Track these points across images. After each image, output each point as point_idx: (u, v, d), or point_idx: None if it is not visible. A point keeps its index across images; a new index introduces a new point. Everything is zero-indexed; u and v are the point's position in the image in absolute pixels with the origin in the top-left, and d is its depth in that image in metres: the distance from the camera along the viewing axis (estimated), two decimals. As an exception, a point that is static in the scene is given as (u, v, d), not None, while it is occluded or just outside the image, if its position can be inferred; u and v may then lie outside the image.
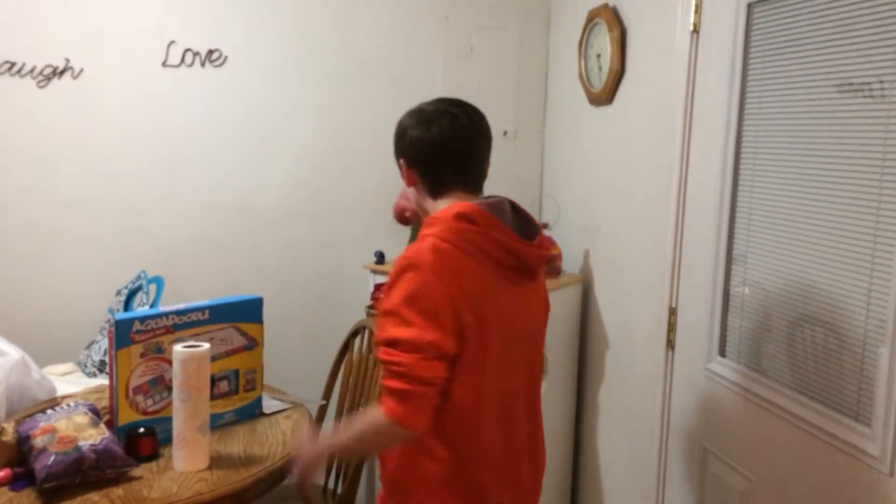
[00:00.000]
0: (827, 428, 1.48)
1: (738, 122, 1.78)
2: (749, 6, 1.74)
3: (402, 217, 2.46)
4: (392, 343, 1.42)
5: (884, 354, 1.33)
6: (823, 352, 1.52)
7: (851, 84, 1.43)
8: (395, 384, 1.41)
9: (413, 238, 2.84)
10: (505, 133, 3.07)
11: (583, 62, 2.62)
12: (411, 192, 1.64)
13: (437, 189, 1.57)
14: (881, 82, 1.35)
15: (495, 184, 3.00)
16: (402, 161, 1.60)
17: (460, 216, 1.47)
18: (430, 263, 1.42)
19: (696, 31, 1.94)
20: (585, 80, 2.61)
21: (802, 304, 1.58)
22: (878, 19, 1.36)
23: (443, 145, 1.55)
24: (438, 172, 1.56)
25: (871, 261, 1.38)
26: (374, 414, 1.44)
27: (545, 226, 2.64)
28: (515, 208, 1.59)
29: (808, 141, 1.56)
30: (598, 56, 2.50)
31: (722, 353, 1.87)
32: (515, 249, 1.50)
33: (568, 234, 2.72)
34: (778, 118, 1.66)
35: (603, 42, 2.44)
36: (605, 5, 2.44)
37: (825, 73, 1.50)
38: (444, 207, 1.52)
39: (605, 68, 2.43)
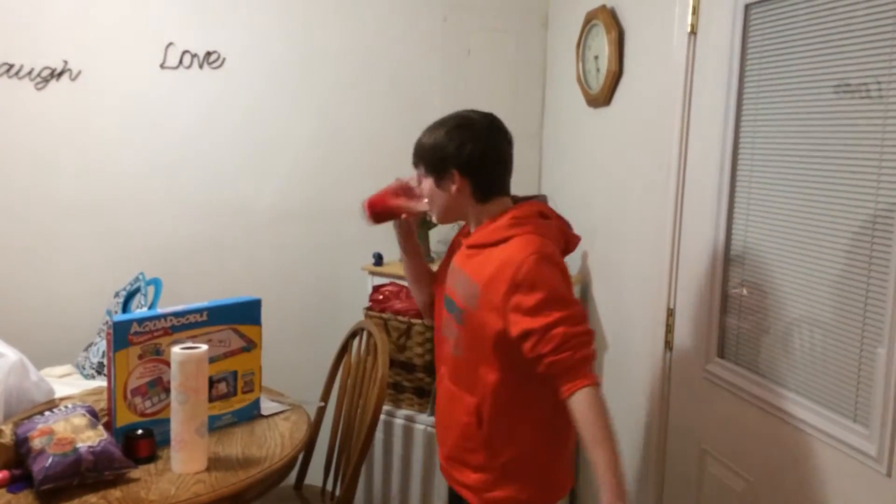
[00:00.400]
0: (825, 429, 1.48)
1: (736, 123, 1.79)
2: (746, 7, 1.75)
3: (385, 215, 1.99)
4: (565, 319, 1.55)
5: (881, 355, 1.34)
6: (821, 353, 1.52)
7: (849, 85, 1.43)
8: (588, 351, 1.57)
9: (423, 237, 2.84)
10: (503, 135, 3.07)
11: (581, 64, 2.62)
12: (442, 197, 1.77)
13: (487, 194, 1.75)
14: (878, 83, 1.36)
15: (493, 185, 3.01)
16: (453, 172, 1.72)
17: (541, 214, 1.74)
18: (554, 252, 1.65)
19: (693, 32, 1.95)
20: (583, 82, 2.61)
21: (800, 304, 1.58)
22: (876, 20, 1.36)
23: (499, 155, 1.76)
24: (492, 179, 1.75)
25: (869, 261, 1.38)
26: (587, 400, 1.53)
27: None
28: None
29: (805, 142, 1.56)
30: (596, 58, 2.50)
31: (720, 354, 1.87)
32: (569, 235, 1.80)
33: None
34: (775, 119, 1.66)
35: (601, 44, 2.44)
36: (603, 7, 2.44)
37: (822, 73, 1.50)
38: (490, 212, 1.74)
39: (603, 70, 2.43)
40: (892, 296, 1.31)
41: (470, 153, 1.71)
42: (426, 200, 1.83)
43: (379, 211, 1.91)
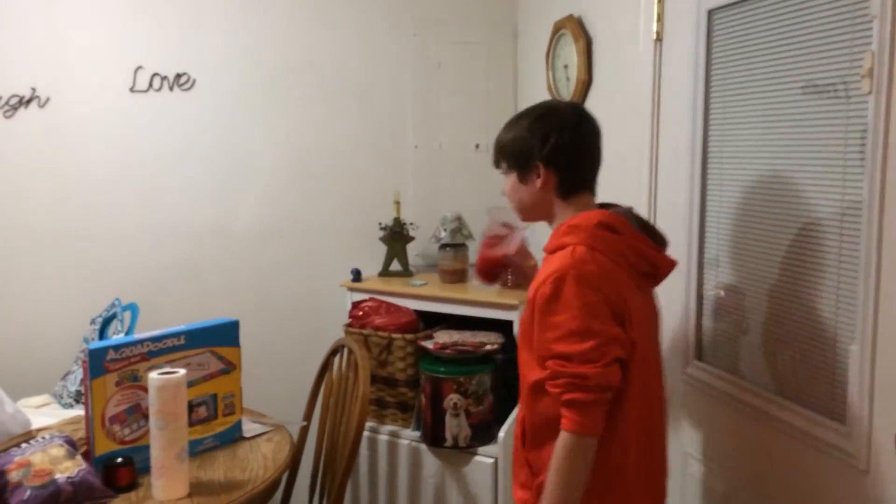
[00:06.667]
0: (803, 427, 1.49)
1: (704, 127, 1.81)
2: (709, 13, 1.77)
3: (496, 272, 1.95)
4: (568, 356, 1.45)
5: (855, 352, 1.35)
6: (797, 352, 1.53)
7: (816, 86, 1.45)
8: (578, 396, 1.44)
9: (400, 251, 2.84)
10: (477, 146, 3.08)
11: (551, 73, 2.64)
12: (526, 193, 1.64)
13: (571, 190, 1.61)
14: (844, 83, 1.38)
15: (469, 197, 3.02)
16: (537, 164, 1.60)
17: (602, 225, 1.53)
18: (594, 271, 1.48)
19: (659, 39, 1.97)
20: (554, 91, 2.63)
21: (775, 305, 1.60)
22: (837, 21, 1.38)
23: (585, 145, 1.62)
24: (578, 173, 1.62)
25: (838, 259, 1.40)
26: (560, 444, 1.45)
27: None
28: (639, 217, 1.66)
29: (771, 143, 1.58)
30: (566, 67, 2.52)
31: (698, 357, 1.89)
32: (652, 258, 1.58)
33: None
34: (742, 121, 1.68)
35: (570, 53, 2.46)
36: (571, 16, 2.46)
37: (786, 75, 1.53)
38: (573, 211, 1.59)
39: (573, 78, 2.45)
40: (862, 292, 1.33)
41: (555, 144, 1.58)
42: (519, 229, 1.81)
43: (487, 270, 1.90)
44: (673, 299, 1.94)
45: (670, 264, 1.62)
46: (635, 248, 1.55)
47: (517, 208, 1.70)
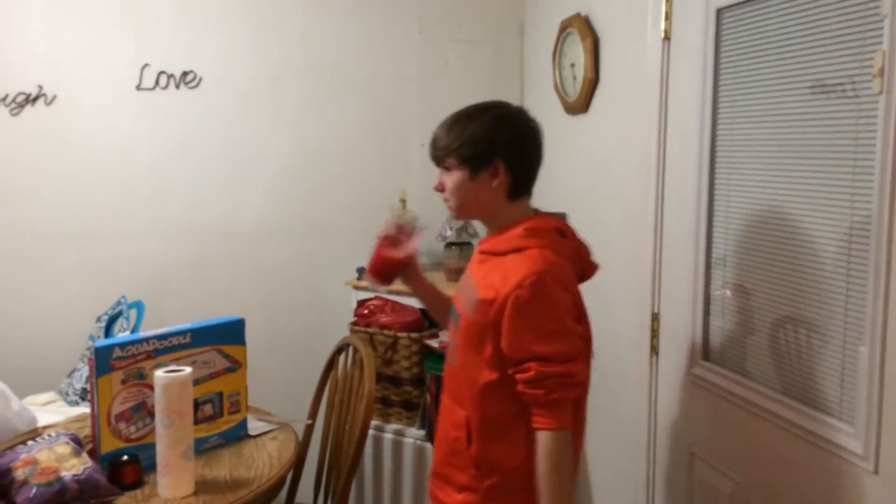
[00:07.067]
0: (811, 428, 1.49)
1: (712, 126, 1.80)
2: (718, 11, 1.76)
3: (392, 273, 1.82)
4: (549, 356, 1.49)
5: (863, 353, 1.34)
6: (805, 352, 1.52)
7: (824, 85, 1.44)
8: (564, 394, 1.50)
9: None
10: (483, 145, 3.07)
11: (557, 72, 2.63)
12: (473, 191, 1.61)
13: (519, 192, 1.62)
14: (853, 82, 1.37)
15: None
16: (498, 163, 1.58)
17: (558, 230, 1.61)
18: (566, 274, 1.55)
19: (667, 37, 1.96)
20: (560, 90, 2.62)
21: (783, 305, 1.59)
22: (847, 19, 1.38)
23: (541, 152, 1.64)
24: (530, 177, 1.63)
25: (848, 259, 1.39)
26: (546, 444, 1.48)
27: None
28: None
29: (781, 142, 1.57)
30: (573, 65, 2.51)
31: (706, 357, 1.88)
32: (586, 261, 1.67)
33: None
34: (751, 121, 1.67)
35: (576, 51, 2.45)
36: (578, 15, 2.45)
37: (795, 74, 1.52)
38: (519, 213, 1.62)
39: (580, 77, 2.44)
40: (871, 293, 1.32)
41: (520, 145, 1.59)
42: (417, 233, 1.76)
43: (385, 271, 1.79)
44: (680, 298, 1.94)
45: (595, 268, 1.70)
46: (577, 251, 1.64)
47: (457, 205, 1.65)
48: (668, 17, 1.95)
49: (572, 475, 1.53)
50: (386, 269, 1.78)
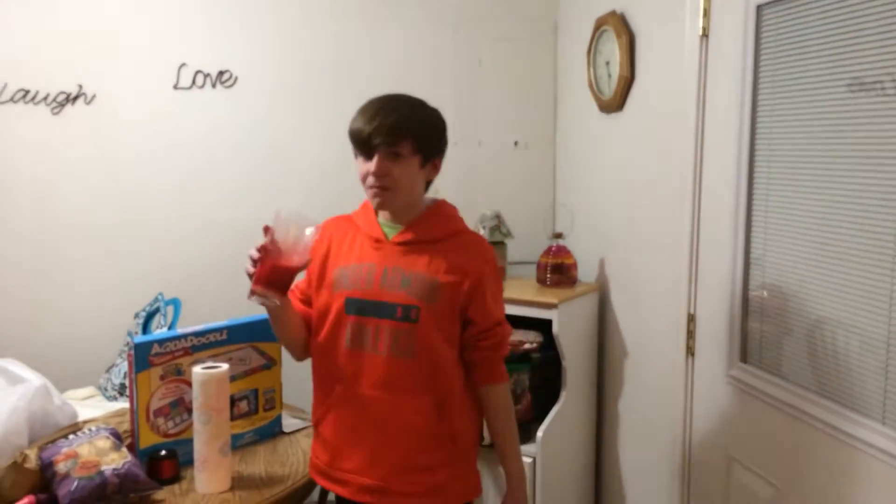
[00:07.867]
0: (852, 432, 1.46)
1: (752, 124, 1.77)
2: (758, 8, 1.73)
3: (288, 282, 1.66)
4: (502, 320, 1.74)
5: (909, 356, 1.32)
6: (846, 354, 1.50)
7: (864, 83, 1.42)
8: (506, 351, 1.75)
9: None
10: (516, 143, 3.06)
11: (592, 70, 2.62)
12: (418, 180, 1.69)
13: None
14: (894, 80, 1.34)
15: (509, 194, 3.01)
16: (440, 155, 1.73)
17: None
18: None
19: (705, 35, 1.93)
20: (595, 88, 2.60)
21: (823, 306, 1.56)
22: (889, 15, 1.35)
23: None
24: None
25: (893, 260, 1.36)
26: (506, 393, 1.76)
27: (559, 235, 2.63)
28: None
29: (822, 141, 1.54)
30: (607, 63, 2.49)
31: (743, 358, 1.85)
32: None
33: (582, 243, 2.70)
34: (791, 119, 1.64)
35: (611, 49, 2.44)
36: (613, 12, 2.43)
37: (838, 72, 1.49)
38: (426, 202, 1.75)
39: (615, 75, 2.42)
40: (917, 296, 1.29)
41: (446, 140, 1.75)
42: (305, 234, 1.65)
43: (281, 282, 1.61)
44: (717, 299, 1.91)
45: None
46: None
47: (402, 195, 1.66)
48: (706, 13, 1.92)
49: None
50: (282, 279, 1.61)
